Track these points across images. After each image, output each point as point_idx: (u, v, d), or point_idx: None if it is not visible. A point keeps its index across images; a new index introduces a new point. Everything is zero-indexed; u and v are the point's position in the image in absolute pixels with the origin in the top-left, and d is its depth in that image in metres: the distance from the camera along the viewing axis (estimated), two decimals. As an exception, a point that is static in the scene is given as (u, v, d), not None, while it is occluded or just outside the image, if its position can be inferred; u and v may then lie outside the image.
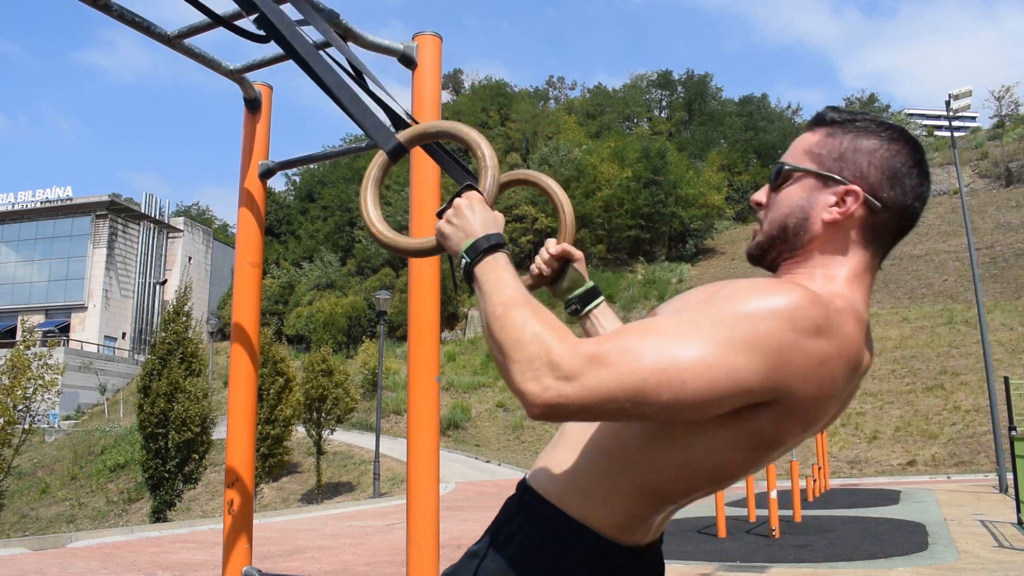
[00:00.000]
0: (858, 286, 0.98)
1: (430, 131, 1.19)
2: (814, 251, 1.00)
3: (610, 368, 0.82)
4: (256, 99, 2.31)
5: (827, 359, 0.87)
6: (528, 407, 0.85)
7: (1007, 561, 6.39)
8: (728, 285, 0.91)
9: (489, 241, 0.99)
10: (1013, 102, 53.73)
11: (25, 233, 45.79)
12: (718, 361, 0.82)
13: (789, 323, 0.84)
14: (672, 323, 0.87)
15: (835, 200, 0.98)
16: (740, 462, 0.94)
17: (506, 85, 64.77)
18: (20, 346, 18.03)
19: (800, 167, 1.02)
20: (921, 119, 68.89)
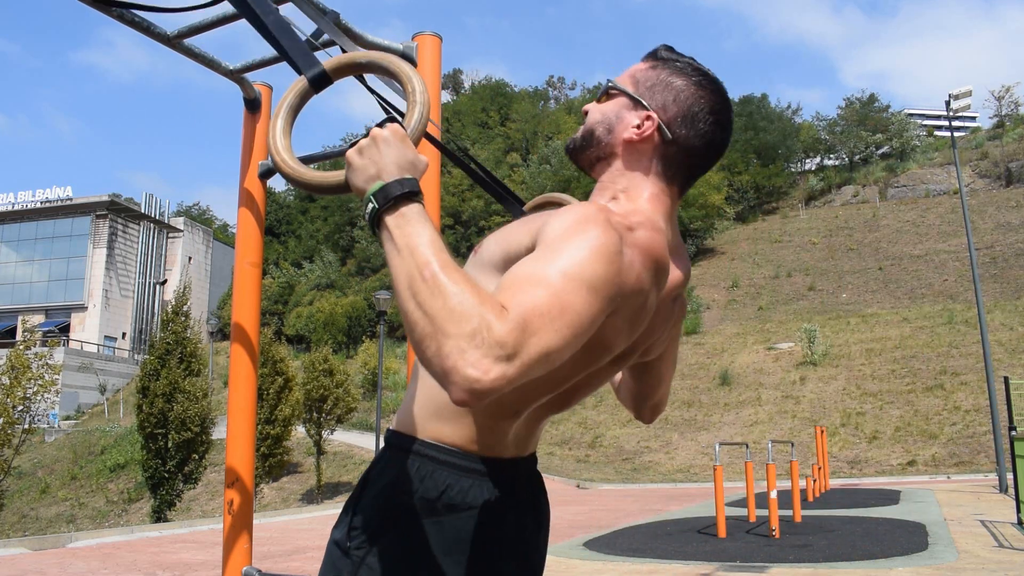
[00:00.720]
0: (657, 205, 1.08)
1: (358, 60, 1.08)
2: (618, 163, 1.11)
3: (540, 335, 0.83)
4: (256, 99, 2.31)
5: (631, 261, 0.95)
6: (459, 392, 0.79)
7: (1007, 561, 6.39)
8: (550, 221, 0.96)
9: (403, 187, 0.90)
10: (1013, 102, 53.71)
11: (25, 233, 45.79)
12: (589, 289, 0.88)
13: (611, 245, 0.91)
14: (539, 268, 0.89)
15: (638, 123, 1.09)
16: (573, 366, 1.00)
17: (506, 85, 64.75)
18: (20, 346, 18.03)
19: (619, 87, 1.13)
20: (921, 119, 68.87)
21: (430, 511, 1.01)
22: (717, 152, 1.12)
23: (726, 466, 16.17)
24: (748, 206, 50.59)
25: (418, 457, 1.03)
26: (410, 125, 0.97)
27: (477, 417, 1.03)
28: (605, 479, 20.42)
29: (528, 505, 1.12)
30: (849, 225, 44.21)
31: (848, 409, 22.95)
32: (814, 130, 57.30)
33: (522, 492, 1.10)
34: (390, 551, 1.01)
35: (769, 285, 38.30)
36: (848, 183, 51.36)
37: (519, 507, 1.08)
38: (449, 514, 1.00)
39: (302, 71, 1.11)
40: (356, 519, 1.05)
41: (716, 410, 24.87)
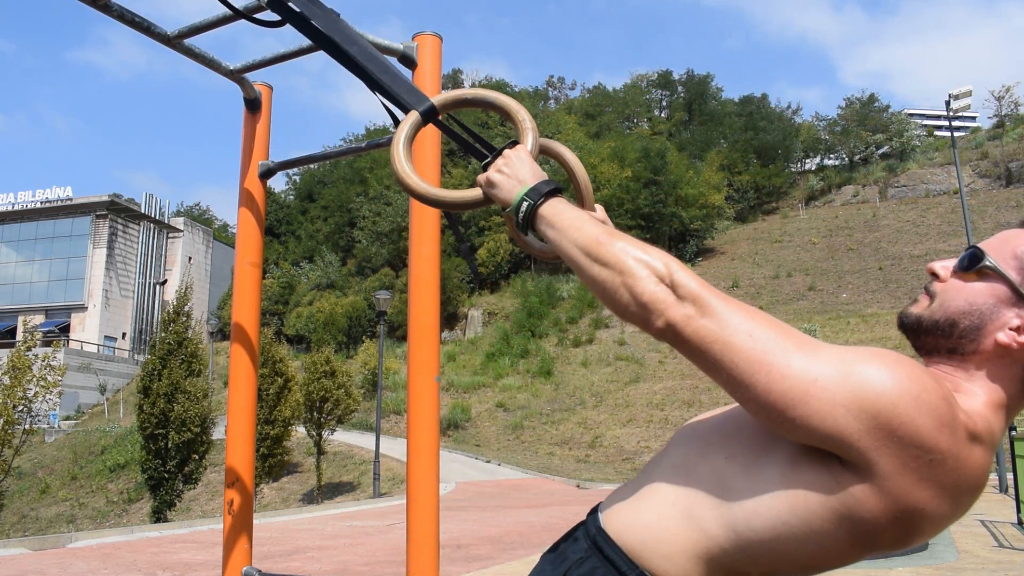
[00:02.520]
0: (1000, 415, 0.90)
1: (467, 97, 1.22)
2: (971, 367, 0.92)
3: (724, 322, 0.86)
4: (256, 99, 2.31)
5: (940, 458, 0.80)
6: (654, 317, 0.87)
7: (1007, 561, 6.39)
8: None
9: (549, 185, 1.02)
10: (1013, 102, 53.73)
11: (25, 233, 45.79)
12: (825, 382, 0.81)
13: (913, 398, 0.79)
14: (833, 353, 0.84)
15: (1019, 324, 0.89)
16: (834, 553, 0.88)
17: (506, 85, 64.77)
18: (21, 347, 18.02)
19: (1001, 270, 0.91)
20: (921, 119, 68.89)
21: None
22: None
23: (726, 466, 16.11)
24: (748, 206, 50.62)
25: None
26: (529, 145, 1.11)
27: (711, 571, 0.94)
28: (605, 479, 20.43)
29: None
30: (849, 225, 44.22)
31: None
32: (814, 130, 57.35)
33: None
34: None
35: (769, 285, 38.31)
36: (848, 183, 51.39)
37: None
38: None
39: (414, 107, 1.22)
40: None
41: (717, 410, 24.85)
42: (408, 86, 1.25)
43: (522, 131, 1.13)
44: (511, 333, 36.17)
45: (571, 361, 32.72)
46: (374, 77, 1.25)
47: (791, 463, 0.88)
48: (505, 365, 33.11)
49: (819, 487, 0.85)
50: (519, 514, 12.29)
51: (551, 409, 28.30)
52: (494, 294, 42.73)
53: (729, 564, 0.93)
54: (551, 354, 33.52)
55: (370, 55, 1.26)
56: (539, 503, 14.55)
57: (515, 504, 14.40)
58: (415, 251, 1.88)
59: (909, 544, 0.88)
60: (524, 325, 36.59)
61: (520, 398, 29.77)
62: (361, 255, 49.39)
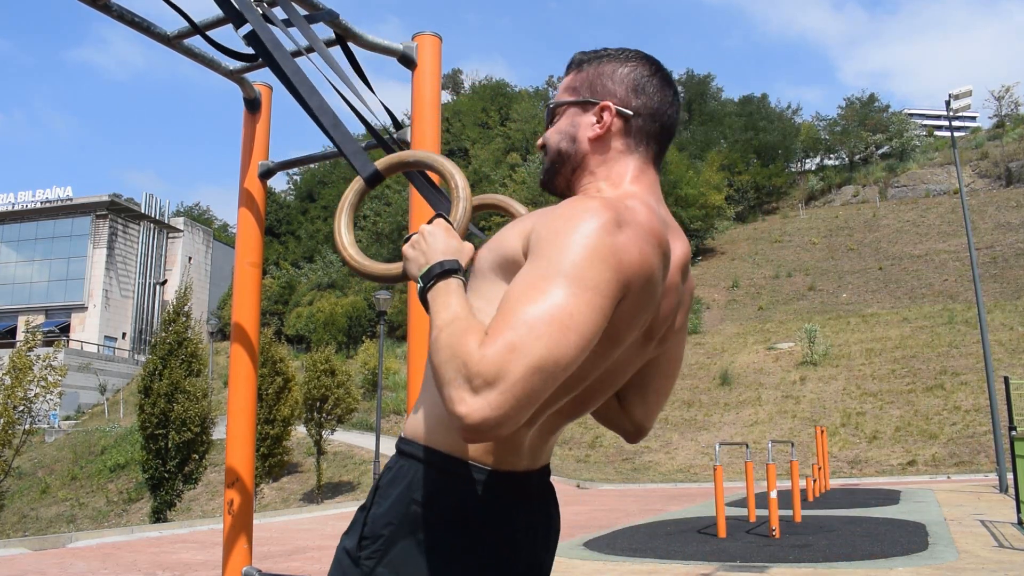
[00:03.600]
0: (642, 181, 1.11)
1: (407, 160, 1.24)
2: (591, 165, 1.13)
3: (522, 349, 0.83)
4: (256, 99, 2.31)
5: (635, 244, 0.94)
6: (464, 432, 0.84)
7: (1007, 561, 6.39)
8: (540, 221, 0.97)
9: (442, 267, 1.01)
10: (1013, 102, 53.73)
11: (25, 233, 45.78)
12: (589, 289, 0.88)
13: (605, 234, 0.91)
14: (532, 279, 0.90)
15: (595, 119, 1.12)
16: (587, 363, 0.98)
17: (506, 85, 64.76)
18: (22, 347, 18.01)
19: (561, 101, 1.16)
20: (921, 119, 68.87)
21: (443, 524, 1.00)
22: (675, 106, 1.15)
23: (726, 466, 16.19)
24: (748, 206, 50.60)
25: (431, 468, 1.03)
26: (455, 219, 1.12)
27: None
28: (605, 479, 20.42)
29: (540, 518, 1.11)
30: (849, 225, 44.20)
31: (848, 409, 22.94)
32: (814, 130, 57.31)
33: (535, 506, 1.10)
34: (402, 562, 1.01)
35: (769, 285, 38.30)
36: (848, 183, 51.36)
37: (531, 521, 1.08)
38: (462, 528, 1.00)
39: (359, 172, 1.26)
40: (367, 528, 1.05)
41: (716, 410, 24.87)
42: (354, 150, 1.29)
43: (453, 199, 1.13)
44: (511, 333, 36.14)
45: (571, 361, 32.69)
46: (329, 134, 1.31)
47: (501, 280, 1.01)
48: (505, 365, 33.08)
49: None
50: (519, 514, 12.24)
51: (551, 409, 28.26)
52: (494, 294, 42.73)
53: None
54: (551, 354, 33.48)
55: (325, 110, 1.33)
56: (539, 503, 14.51)
57: (515, 504, 14.36)
58: (415, 251, 1.87)
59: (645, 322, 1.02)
60: (524, 325, 36.56)
61: (520, 398, 29.73)
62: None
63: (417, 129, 1.97)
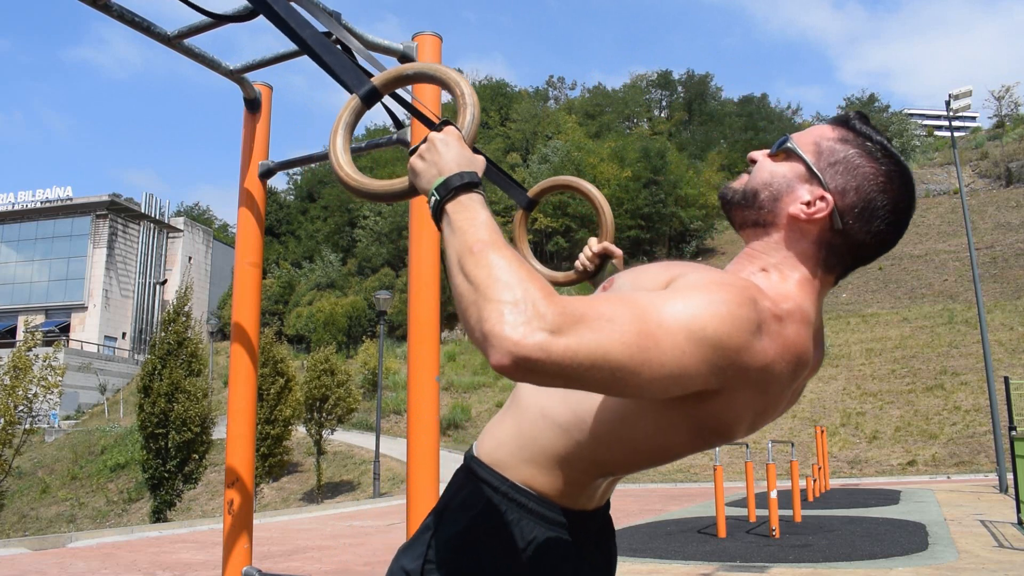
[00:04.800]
0: (809, 291, 0.99)
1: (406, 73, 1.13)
2: (776, 236, 1.02)
3: (598, 334, 0.78)
4: (256, 99, 2.31)
5: (769, 357, 0.88)
6: (496, 352, 0.78)
7: (1007, 561, 6.39)
8: (687, 274, 0.92)
9: (463, 179, 0.93)
10: (1013, 102, 53.75)
11: (25, 233, 45.78)
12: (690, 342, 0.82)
13: (742, 323, 0.85)
14: (652, 298, 0.85)
15: (809, 199, 0.99)
16: (683, 444, 0.96)
17: (506, 85, 64.78)
18: (22, 347, 18.00)
19: (799, 151, 1.03)
20: (921, 119, 68.88)
21: (512, 559, 0.98)
22: (886, 250, 1.03)
23: (726, 466, 16.18)
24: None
25: (506, 500, 1.01)
26: (464, 126, 1.02)
27: (574, 471, 1.00)
28: (605, 479, 20.40)
29: (603, 557, 1.11)
30: (849, 225, 44.21)
31: (848, 409, 22.94)
32: (814, 130, 57.39)
33: (599, 543, 1.09)
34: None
35: (769, 285, 38.31)
36: (848, 183, 51.41)
37: (595, 560, 1.08)
38: (530, 564, 0.99)
39: (353, 90, 1.15)
40: (432, 552, 1.02)
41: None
42: (348, 66, 1.19)
43: (460, 107, 1.03)
44: (511, 333, 36.14)
45: (571, 361, 32.69)
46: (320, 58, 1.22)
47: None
48: (505, 365, 33.07)
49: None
50: (519, 514, 12.24)
51: (551, 409, 28.27)
52: (494, 294, 42.71)
53: (587, 456, 0.98)
54: (551, 354, 33.48)
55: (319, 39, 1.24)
56: (539, 503, 14.52)
57: (515, 504, 14.37)
58: (415, 251, 1.88)
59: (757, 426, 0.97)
60: (524, 325, 36.56)
61: (520, 398, 29.74)
62: (361, 255, 49.39)
63: (417, 129, 1.97)
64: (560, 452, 0.99)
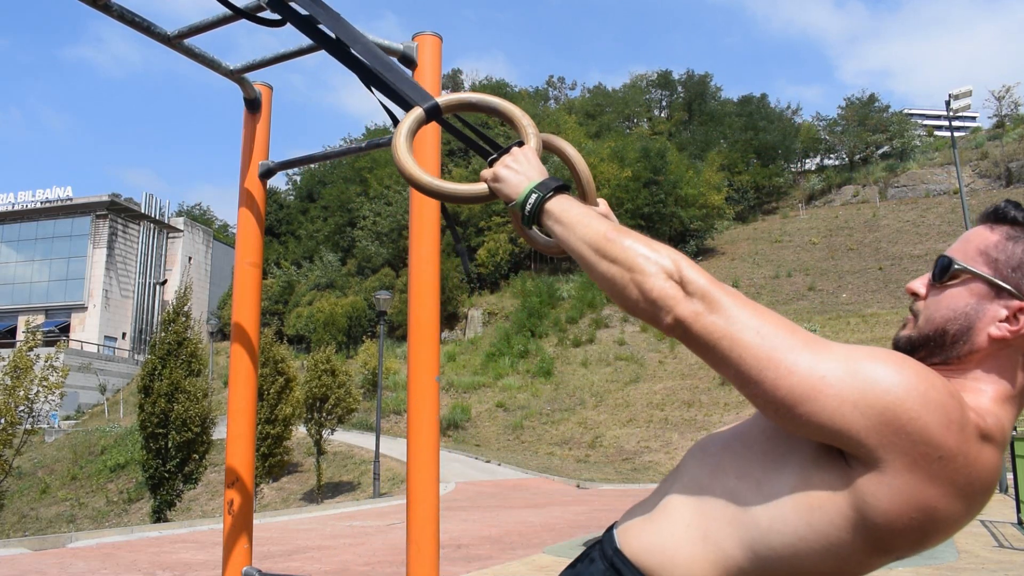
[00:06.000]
0: (1009, 408, 0.90)
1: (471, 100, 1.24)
2: (972, 366, 0.91)
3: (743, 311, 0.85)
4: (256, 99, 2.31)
5: (948, 457, 0.80)
6: (663, 313, 0.87)
7: (1007, 561, 6.39)
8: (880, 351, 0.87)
9: (557, 181, 1.03)
10: (1013, 102, 53.74)
11: (25, 233, 45.80)
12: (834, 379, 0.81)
13: (923, 400, 0.79)
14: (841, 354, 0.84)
15: (1007, 315, 0.89)
16: (853, 563, 0.87)
17: (506, 85, 64.77)
18: (24, 347, 17.98)
19: (972, 270, 0.92)
20: (921, 119, 68.89)
21: None
22: None
23: (726, 466, 16.11)
24: (748, 206, 50.61)
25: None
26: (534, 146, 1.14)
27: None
28: (605, 479, 20.42)
29: None
30: (849, 225, 44.22)
31: (848, 409, 22.96)
32: (814, 130, 57.35)
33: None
34: None
35: (769, 285, 38.31)
36: (848, 183, 51.39)
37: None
38: None
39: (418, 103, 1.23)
40: None
41: (716, 410, 24.88)
42: (412, 84, 1.27)
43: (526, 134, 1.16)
44: (511, 333, 36.16)
45: (571, 361, 32.72)
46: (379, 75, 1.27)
47: (802, 475, 0.87)
48: (505, 365, 33.11)
49: (831, 495, 0.84)
50: (519, 514, 12.28)
51: (551, 409, 28.30)
52: (494, 294, 42.72)
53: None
54: (551, 354, 33.52)
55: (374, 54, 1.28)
56: (539, 503, 14.55)
57: (515, 504, 14.40)
58: (415, 251, 1.88)
59: (925, 547, 0.88)
60: (524, 325, 36.59)
61: (520, 398, 29.77)
62: (361, 255, 49.38)
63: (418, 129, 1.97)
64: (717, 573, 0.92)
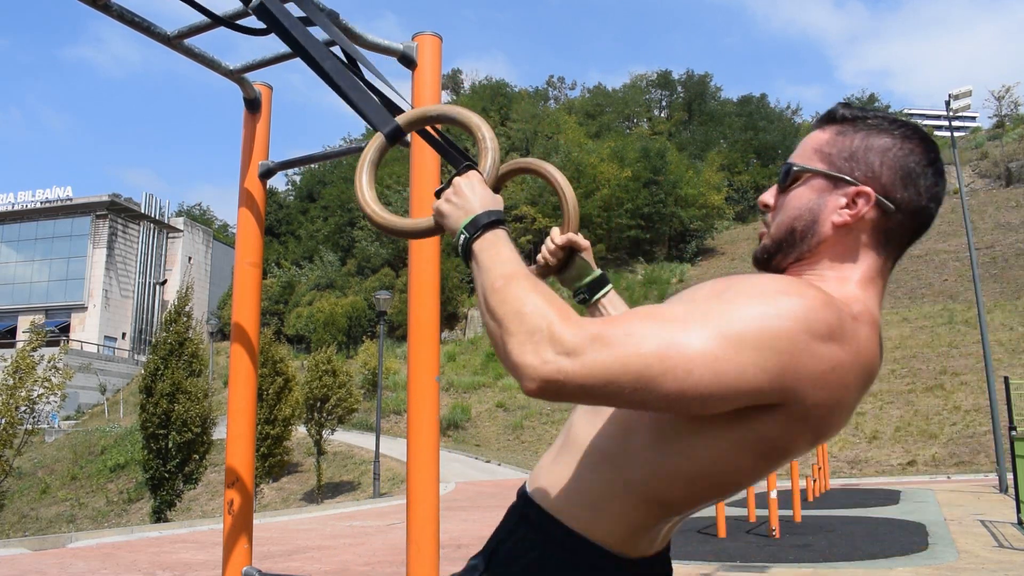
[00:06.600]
0: (872, 289, 0.95)
1: (430, 114, 1.18)
2: (824, 255, 0.96)
3: (614, 349, 0.78)
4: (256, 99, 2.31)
5: (839, 365, 0.83)
6: (524, 380, 0.80)
7: (1007, 561, 6.39)
8: (742, 281, 0.88)
9: (489, 216, 0.96)
10: (1013, 102, 53.76)
11: (25, 233, 45.80)
12: (727, 355, 0.79)
13: (803, 325, 0.81)
14: (682, 311, 0.83)
15: (845, 202, 0.95)
16: (747, 469, 0.90)
17: (506, 85, 64.81)
18: (26, 347, 17.96)
19: (809, 167, 0.98)
20: (921, 119, 68.87)
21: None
22: (939, 203, 0.98)
23: (726, 466, 16.12)
24: (748, 206, 50.62)
25: (563, 550, 0.96)
26: (486, 170, 1.06)
27: (635, 514, 0.95)
28: (605, 479, 20.40)
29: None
30: (849, 225, 44.23)
31: (848, 409, 22.96)
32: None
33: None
34: None
35: (769, 285, 38.32)
36: (848, 183, 51.41)
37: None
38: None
39: (379, 128, 1.19)
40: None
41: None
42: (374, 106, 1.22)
43: (481, 151, 1.08)
44: (511, 333, 36.15)
45: (571, 361, 32.70)
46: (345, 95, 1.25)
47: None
48: (505, 365, 33.10)
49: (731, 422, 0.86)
50: (519, 514, 12.24)
51: (551, 409, 28.29)
52: (494, 294, 42.73)
53: (647, 495, 0.93)
54: (551, 354, 33.49)
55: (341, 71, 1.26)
56: (539, 503, 14.50)
57: (515, 504, 14.37)
58: (415, 251, 1.88)
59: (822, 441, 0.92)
60: (524, 325, 36.57)
61: (520, 398, 29.76)
62: (361, 255, 49.38)
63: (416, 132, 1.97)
64: (617, 493, 0.94)
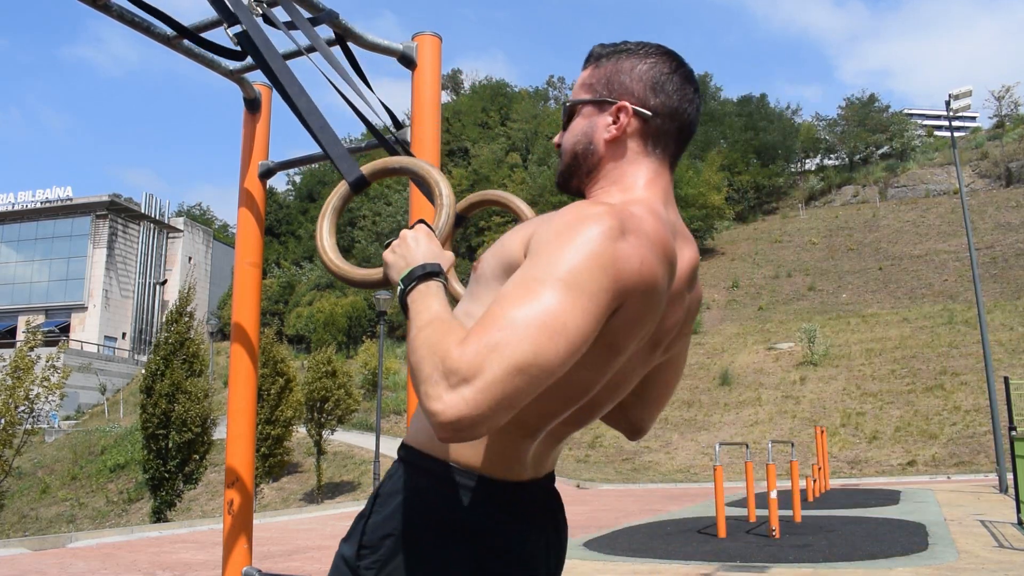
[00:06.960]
0: (654, 187, 1.07)
1: (392, 166, 1.23)
2: (605, 168, 1.09)
3: (504, 349, 0.81)
4: (256, 99, 2.31)
5: (637, 253, 0.92)
6: (439, 431, 0.81)
7: (1007, 561, 6.39)
8: (541, 226, 0.95)
9: (424, 269, 0.98)
10: (1013, 102, 53.72)
11: (25, 233, 45.79)
12: (577, 295, 0.86)
13: (605, 236, 0.89)
14: (525, 280, 0.88)
15: (611, 120, 1.08)
16: (590, 374, 0.97)
17: (506, 85, 64.76)
18: (25, 347, 17.96)
19: (577, 100, 1.13)
20: (921, 119, 68.88)
21: (445, 535, 0.98)
22: (696, 104, 1.11)
23: (726, 466, 16.18)
24: (748, 206, 50.60)
25: (433, 478, 1.01)
26: (438, 225, 1.10)
27: (494, 438, 1.00)
28: (605, 479, 20.42)
29: (546, 527, 1.08)
30: (849, 225, 44.21)
31: (848, 409, 22.94)
32: (814, 130, 57.31)
33: (539, 515, 1.07)
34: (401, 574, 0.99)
35: (769, 285, 38.31)
36: (848, 183, 51.37)
37: (536, 531, 1.05)
38: (464, 539, 0.98)
39: (345, 176, 1.24)
40: (366, 537, 1.03)
41: (716, 410, 24.87)
42: (340, 154, 1.27)
43: (437, 206, 1.13)
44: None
45: (571, 361, 32.72)
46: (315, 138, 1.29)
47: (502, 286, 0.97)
48: (505, 365, 33.11)
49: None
50: (519, 514, 12.25)
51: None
52: (494, 294, 42.74)
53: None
54: (551, 354, 33.51)
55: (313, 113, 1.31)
56: (539, 503, 14.51)
57: (515, 504, 14.37)
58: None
59: (649, 334, 1.02)
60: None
61: (520, 398, 29.75)
62: (361, 255, 49.37)
63: (417, 129, 1.97)
64: None
